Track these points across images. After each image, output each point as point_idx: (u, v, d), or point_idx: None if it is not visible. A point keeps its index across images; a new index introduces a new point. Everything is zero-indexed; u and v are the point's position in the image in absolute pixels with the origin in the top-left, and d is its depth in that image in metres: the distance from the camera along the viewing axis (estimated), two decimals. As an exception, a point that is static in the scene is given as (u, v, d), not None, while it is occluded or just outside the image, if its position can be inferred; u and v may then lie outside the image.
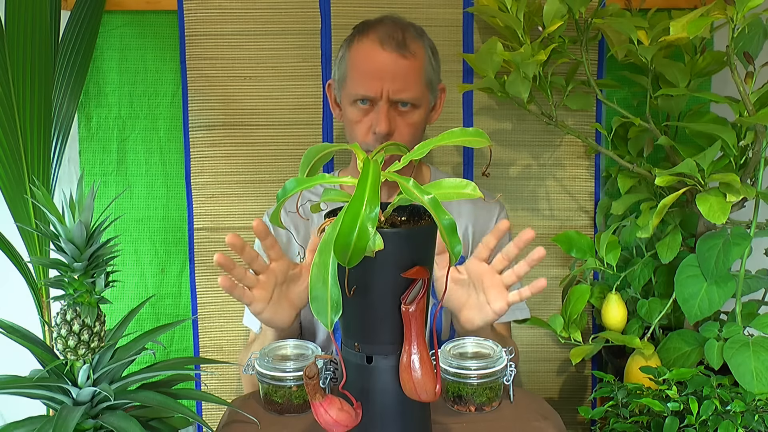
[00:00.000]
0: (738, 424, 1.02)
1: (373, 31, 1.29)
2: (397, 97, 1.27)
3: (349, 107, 1.30)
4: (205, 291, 1.65)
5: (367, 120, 1.28)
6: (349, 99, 1.30)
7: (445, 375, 1.00)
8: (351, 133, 1.32)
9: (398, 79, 1.26)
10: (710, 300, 1.24)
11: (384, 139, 1.26)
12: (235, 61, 1.60)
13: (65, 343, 0.84)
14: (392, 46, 1.26)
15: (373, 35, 1.28)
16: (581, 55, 1.43)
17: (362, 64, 1.28)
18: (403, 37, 1.28)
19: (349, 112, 1.31)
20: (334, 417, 0.76)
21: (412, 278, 0.74)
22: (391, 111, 1.27)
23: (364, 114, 1.29)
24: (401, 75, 1.27)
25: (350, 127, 1.32)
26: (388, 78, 1.26)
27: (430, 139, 0.78)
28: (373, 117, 1.27)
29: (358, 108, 1.29)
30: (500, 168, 1.65)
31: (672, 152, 1.44)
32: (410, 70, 1.28)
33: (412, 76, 1.28)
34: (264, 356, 1.03)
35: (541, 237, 1.65)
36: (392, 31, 1.28)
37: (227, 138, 1.61)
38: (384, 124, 1.25)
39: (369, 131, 1.27)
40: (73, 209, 0.82)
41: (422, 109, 1.31)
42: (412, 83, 1.28)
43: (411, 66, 1.28)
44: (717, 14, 1.13)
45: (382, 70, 1.26)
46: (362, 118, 1.29)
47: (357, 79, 1.28)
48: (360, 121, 1.29)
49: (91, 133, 1.63)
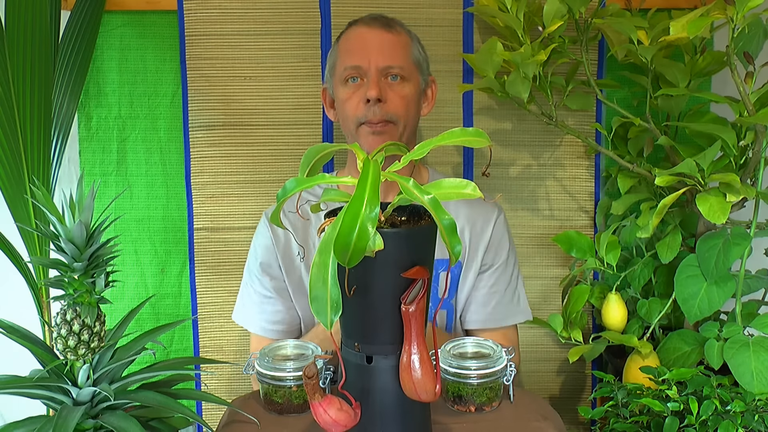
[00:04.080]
0: (738, 424, 1.02)
1: (359, 21, 1.35)
2: (384, 64, 1.29)
3: (341, 88, 1.32)
4: (205, 291, 1.65)
5: (358, 94, 1.29)
6: (340, 80, 1.32)
7: (445, 375, 1.00)
8: (343, 114, 1.33)
9: (385, 50, 1.30)
10: (710, 300, 1.24)
11: (375, 105, 1.26)
12: (235, 61, 1.60)
13: (65, 343, 0.84)
14: (378, 25, 1.32)
15: (360, 23, 1.35)
16: (581, 55, 1.43)
17: (350, 44, 1.32)
18: (387, 20, 1.34)
19: (340, 93, 1.32)
20: (333, 417, 0.76)
21: (412, 278, 0.74)
22: (382, 81, 1.29)
23: (354, 90, 1.30)
24: (388, 46, 1.31)
25: (342, 108, 1.33)
26: (375, 48, 1.30)
27: (430, 139, 0.78)
28: (363, 89, 1.29)
29: (349, 86, 1.31)
30: (500, 168, 1.65)
31: (672, 152, 1.44)
32: (396, 43, 1.32)
33: (399, 49, 1.32)
34: (264, 356, 1.03)
35: (541, 237, 1.65)
36: (378, 16, 1.35)
37: (227, 138, 1.61)
38: (375, 88, 1.26)
39: (360, 103, 1.28)
40: (73, 209, 0.82)
41: (412, 84, 1.32)
42: (398, 53, 1.31)
43: (397, 40, 1.32)
44: (717, 14, 1.13)
45: (370, 43, 1.30)
46: (353, 94, 1.30)
47: (345, 56, 1.31)
48: (350, 98, 1.30)
49: (91, 133, 1.63)
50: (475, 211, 1.38)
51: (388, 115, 1.28)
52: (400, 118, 1.29)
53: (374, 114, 1.27)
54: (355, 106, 1.29)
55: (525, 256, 1.65)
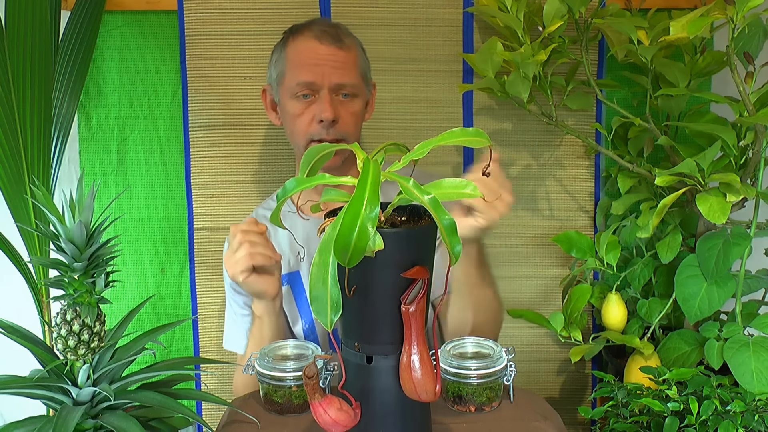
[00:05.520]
0: (738, 424, 1.02)
1: (306, 29, 1.33)
2: (338, 81, 1.29)
3: (290, 102, 1.31)
4: (205, 291, 1.65)
5: (310, 111, 1.29)
6: (290, 93, 1.31)
7: (445, 375, 1.00)
8: (292, 128, 1.32)
9: (338, 68, 1.29)
10: (710, 300, 1.24)
11: (330, 126, 1.27)
12: (235, 61, 1.60)
13: (65, 343, 0.84)
14: (329, 40, 1.30)
15: (308, 32, 1.32)
16: (581, 55, 1.43)
17: (301, 57, 1.30)
18: (336, 32, 1.32)
19: (289, 107, 1.31)
20: (333, 417, 0.76)
21: (412, 278, 0.74)
22: (333, 99, 1.29)
23: (305, 106, 1.30)
24: (340, 64, 1.30)
25: (292, 122, 1.32)
26: (328, 66, 1.29)
27: (430, 139, 0.78)
28: (315, 107, 1.28)
29: (300, 101, 1.30)
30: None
31: (672, 152, 1.44)
32: (348, 60, 1.31)
33: (350, 66, 1.32)
34: (264, 356, 1.03)
35: (541, 237, 1.65)
36: (325, 27, 1.33)
37: (227, 138, 1.61)
38: (329, 110, 1.26)
39: (312, 121, 1.28)
40: (73, 209, 0.82)
41: (360, 99, 1.34)
42: (350, 71, 1.31)
43: (348, 56, 1.32)
44: (717, 14, 1.13)
45: (322, 61, 1.29)
46: (304, 111, 1.30)
47: (297, 70, 1.30)
48: (302, 114, 1.30)
49: (91, 133, 1.63)
50: None
51: (340, 134, 1.29)
52: (351, 135, 1.31)
53: (328, 134, 1.28)
54: (307, 124, 1.29)
55: (525, 256, 1.65)
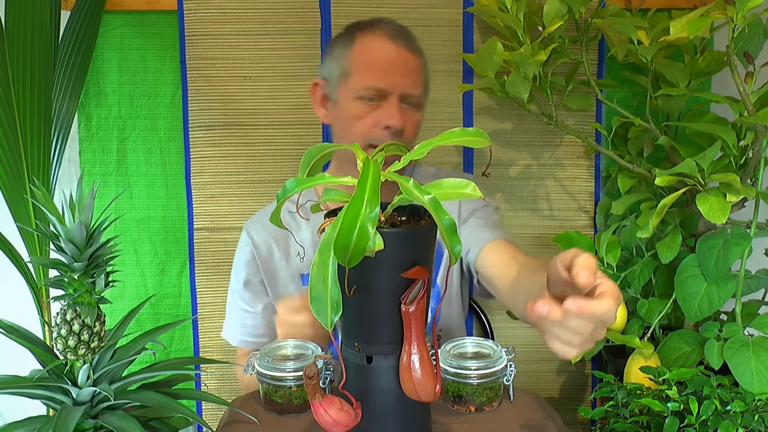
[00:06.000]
0: (738, 424, 1.02)
1: (377, 27, 1.26)
2: (408, 91, 1.23)
3: (353, 103, 1.24)
4: (205, 291, 1.65)
5: (374, 115, 1.23)
6: (354, 94, 1.24)
7: (445, 375, 1.00)
8: (349, 129, 1.26)
9: (409, 75, 1.24)
10: (710, 300, 1.24)
11: (396, 135, 1.21)
12: (235, 61, 1.60)
13: (65, 343, 0.84)
14: (403, 42, 1.24)
15: (380, 30, 1.25)
16: (581, 55, 1.43)
17: (373, 58, 1.24)
18: (409, 34, 1.27)
19: (351, 108, 1.25)
20: (334, 417, 0.76)
21: (412, 278, 0.73)
22: (401, 107, 1.23)
23: (370, 110, 1.23)
24: (412, 71, 1.24)
25: (350, 123, 1.25)
26: (400, 72, 1.23)
27: (430, 139, 0.78)
28: (381, 112, 1.22)
29: (364, 104, 1.23)
30: (500, 168, 1.65)
31: (672, 152, 1.44)
32: (418, 68, 1.26)
33: (419, 75, 1.26)
34: (264, 356, 1.03)
35: (541, 237, 1.65)
36: (399, 28, 1.27)
37: (227, 138, 1.61)
38: (398, 118, 1.21)
39: (375, 126, 1.22)
40: (73, 209, 0.82)
41: (422, 110, 1.29)
42: (419, 80, 1.26)
43: (419, 64, 1.26)
44: (717, 14, 1.13)
45: (395, 65, 1.23)
46: (367, 114, 1.23)
47: (367, 72, 1.23)
48: (365, 117, 1.23)
49: (91, 133, 1.63)
50: None
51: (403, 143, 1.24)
52: (410, 145, 1.25)
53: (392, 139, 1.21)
54: (368, 127, 1.23)
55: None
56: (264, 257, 1.35)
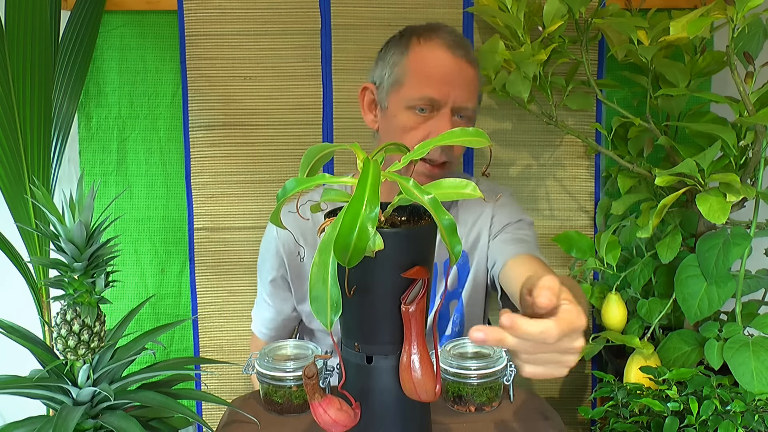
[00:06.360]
0: (738, 424, 1.02)
1: (435, 35, 1.23)
2: (462, 104, 1.20)
3: (404, 112, 1.22)
4: (205, 291, 1.65)
5: (426, 127, 1.20)
6: (406, 103, 1.21)
7: (445, 375, 1.00)
8: (399, 139, 1.20)
9: (465, 87, 1.21)
10: (710, 300, 1.24)
11: (446, 148, 1.18)
12: (235, 61, 1.60)
13: (65, 343, 0.84)
14: (460, 52, 1.21)
15: (438, 39, 1.22)
16: (581, 55, 1.43)
17: (429, 67, 1.21)
18: (467, 44, 1.24)
19: (403, 118, 1.22)
20: (333, 417, 0.76)
21: (412, 278, 0.73)
22: (453, 120, 1.21)
23: (421, 121, 1.21)
24: (468, 83, 1.21)
25: (401, 133, 1.22)
26: (456, 84, 1.20)
27: (430, 139, 0.78)
28: (433, 124, 1.19)
29: (416, 114, 1.21)
30: (500, 168, 1.65)
31: (672, 152, 1.44)
32: (473, 80, 1.23)
33: (474, 87, 1.23)
34: (264, 356, 1.03)
35: (542, 237, 1.65)
36: (457, 38, 1.24)
37: (227, 138, 1.61)
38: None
39: (426, 138, 1.17)
40: (73, 209, 0.82)
41: (473, 123, 1.25)
42: (473, 93, 1.23)
43: (474, 76, 1.23)
44: (717, 14, 1.13)
45: (451, 75, 1.20)
46: (419, 125, 1.21)
47: (421, 81, 1.20)
48: (416, 128, 1.20)
49: (91, 133, 1.63)
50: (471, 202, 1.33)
51: (450, 157, 1.22)
52: (457, 159, 1.23)
53: (439, 156, 1.19)
54: (419, 140, 1.17)
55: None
56: (289, 251, 1.33)
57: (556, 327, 0.66)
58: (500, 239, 1.29)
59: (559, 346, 0.68)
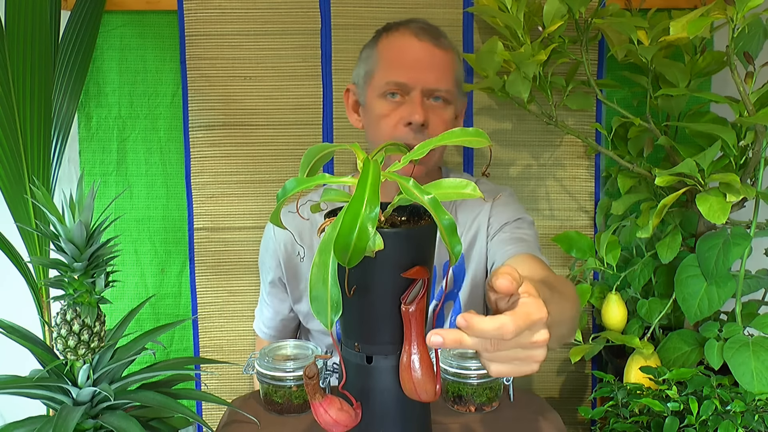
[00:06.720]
0: (738, 424, 1.02)
1: (403, 26, 1.25)
2: (432, 86, 1.21)
3: (377, 101, 1.23)
4: (205, 291, 1.65)
5: (397, 113, 1.21)
6: (378, 92, 1.23)
7: (445, 375, 1.00)
8: (376, 130, 1.24)
9: (434, 69, 1.21)
10: (710, 300, 1.24)
11: (419, 129, 1.19)
12: (235, 61, 1.60)
13: (65, 343, 0.84)
14: (427, 37, 1.23)
15: (404, 29, 1.25)
16: (581, 55, 1.43)
17: (396, 54, 1.23)
18: (436, 31, 1.26)
19: (376, 107, 1.23)
20: (334, 417, 0.76)
21: (412, 278, 0.73)
22: (425, 102, 1.21)
23: (394, 107, 1.22)
24: (437, 65, 1.22)
25: (376, 123, 1.24)
26: (424, 67, 1.21)
27: (430, 139, 0.78)
28: (404, 109, 1.20)
29: (387, 101, 1.22)
30: (500, 168, 1.65)
31: (672, 152, 1.44)
32: (444, 62, 1.23)
33: (446, 68, 1.24)
34: (264, 356, 1.03)
35: (542, 237, 1.65)
36: (425, 25, 1.26)
37: (227, 138, 1.61)
38: (420, 112, 1.18)
39: (399, 123, 1.20)
40: (73, 209, 0.82)
41: (452, 107, 1.25)
42: (446, 75, 1.23)
43: (445, 57, 1.24)
44: (717, 14, 1.13)
45: (418, 60, 1.21)
46: (391, 112, 1.21)
47: (390, 68, 1.22)
48: (389, 115, 1.22)
49: (91, 133, 1.63)
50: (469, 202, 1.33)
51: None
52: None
53: (415, 139, 1.18)
54: (393, 126, 1.21)
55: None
56: (286, 252, 1.34)
57: (513, 322, 0.64)
58: (499, 239, 1.28)
59: (520, 342, 0.67)
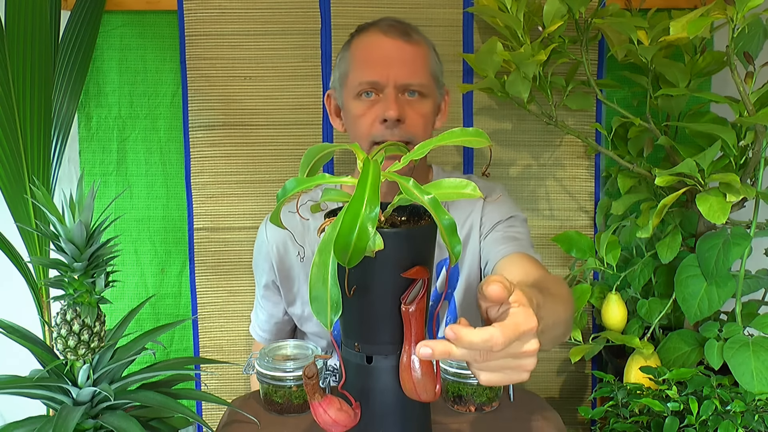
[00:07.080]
0: (738, 424, 1.02)
1: (372, 26, 1.26)
2: (404, 81, 1.21)
3: (353, 102, 1.24)
4: (205, 291, 1.65)
5: (373, 111, 1.21)
6: (353, 93, 1.23)
7: (445, 375, 1.00)
8: (355, 131, 1.25)
9: (405, 65, 1.21)
10: (710, 300, 1.24)
11: (395, 125, 1.19)
12: (235, 61, 1.60)
13: (65, 343, 0.84)
14: (396, 34, 1.23)
15: (373, 28, 1.25)
16: (581, 55, 1.43)
17: (366, 54, 1.23)
18: (405, 27, 1.26)
19: (352, 108, 1.24)
20: (333, 417, 0.76)
21: (412, 278, 0.73)
22: (400, 98, 1.21)
23: (369, 106, 1.22)
24: (408, 60, 1.22)
25: (354, 124, 1.24)
26: (394, 63, 1.21)
27: (430, 139, 0.78)
28: (380, 107, 1.20)
29: (363, 101, 1.22)
30: (500, 168, 1.65)
31: (672, 152, 1.44)
32: (416, 56, 1.23)
33: (419, 62, 1.23)
34: (264, 356, 1.03)
35: (542, 237, 1.65)
36: (393, 22, 1.26)
37: (227, 138, 1.61)
38: (394, 108, 1.17)
39: (375, 121, 1.20)
40: (73, 209, 0.82)
41: (430, 100, 1.25)
42: (419, 69, 1.23)
43: (416, 52, 1.24)
44: (717, 14, 1.13)
45: (388, 57, 1.21)
46: (366, 111, 1.22)
47: (361, 67, 1.22)
48: (364, 114, 1.22)
49: (91, 133, 1.63)
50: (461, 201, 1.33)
51: (406, 135, 1.20)
52: (419, 137, 1.21)
53: (392, 135, 1.18)
54: (369, 124, 1.21)
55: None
56: (279, 255, 1.34)
57: (502, 334, 0.64)
58: (492, 238, 1.28)
59: (510, 352, 0.66)
